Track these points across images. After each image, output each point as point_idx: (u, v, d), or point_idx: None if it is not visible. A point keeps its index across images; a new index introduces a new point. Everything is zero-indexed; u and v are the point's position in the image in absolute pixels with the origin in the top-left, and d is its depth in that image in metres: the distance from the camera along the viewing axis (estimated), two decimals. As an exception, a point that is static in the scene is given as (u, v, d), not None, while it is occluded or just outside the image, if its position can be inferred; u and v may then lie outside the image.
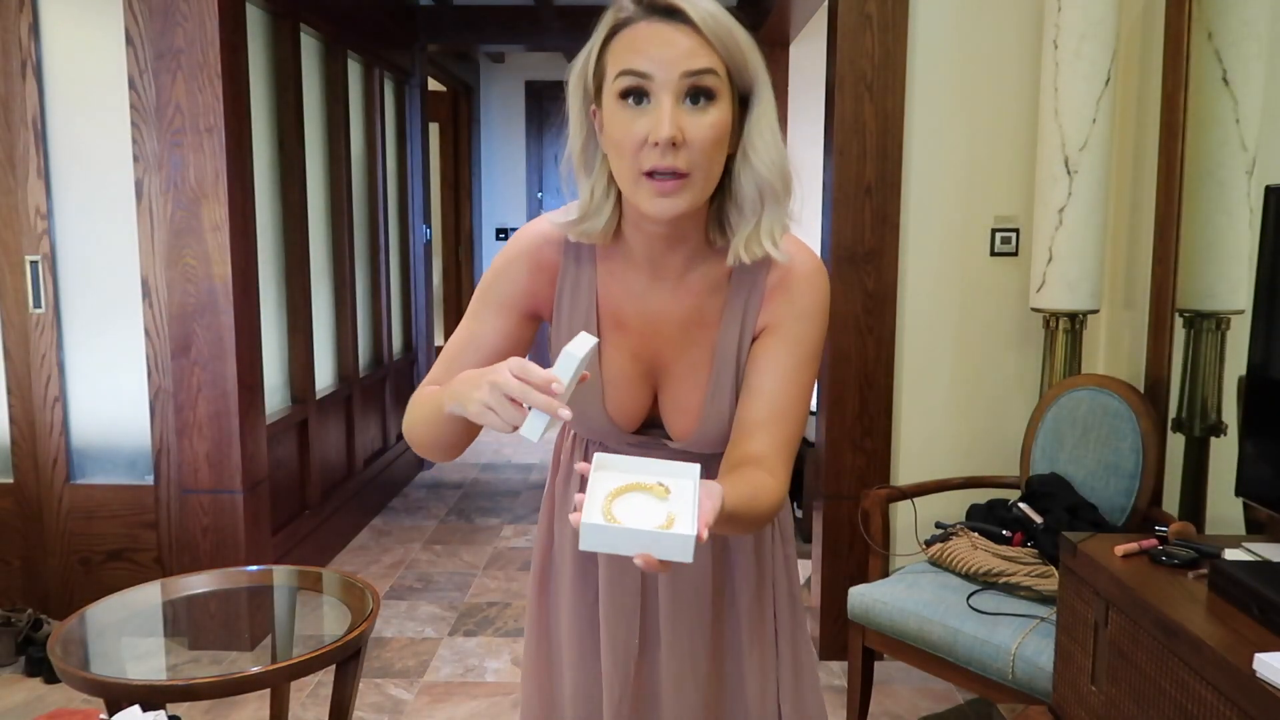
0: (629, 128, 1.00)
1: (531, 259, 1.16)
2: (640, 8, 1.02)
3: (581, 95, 1.08)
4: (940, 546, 2.28)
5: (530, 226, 1.19)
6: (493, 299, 1.17)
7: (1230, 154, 2.12)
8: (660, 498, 0.91)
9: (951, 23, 2.67)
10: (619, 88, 1.01)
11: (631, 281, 1.15)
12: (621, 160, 1.02)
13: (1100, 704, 1.60)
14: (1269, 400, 1.60)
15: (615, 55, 1.02)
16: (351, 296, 4.06)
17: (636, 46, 1.01)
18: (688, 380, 1.16)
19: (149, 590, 2.17)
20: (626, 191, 1.04)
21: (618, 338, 1.16)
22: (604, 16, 1.06)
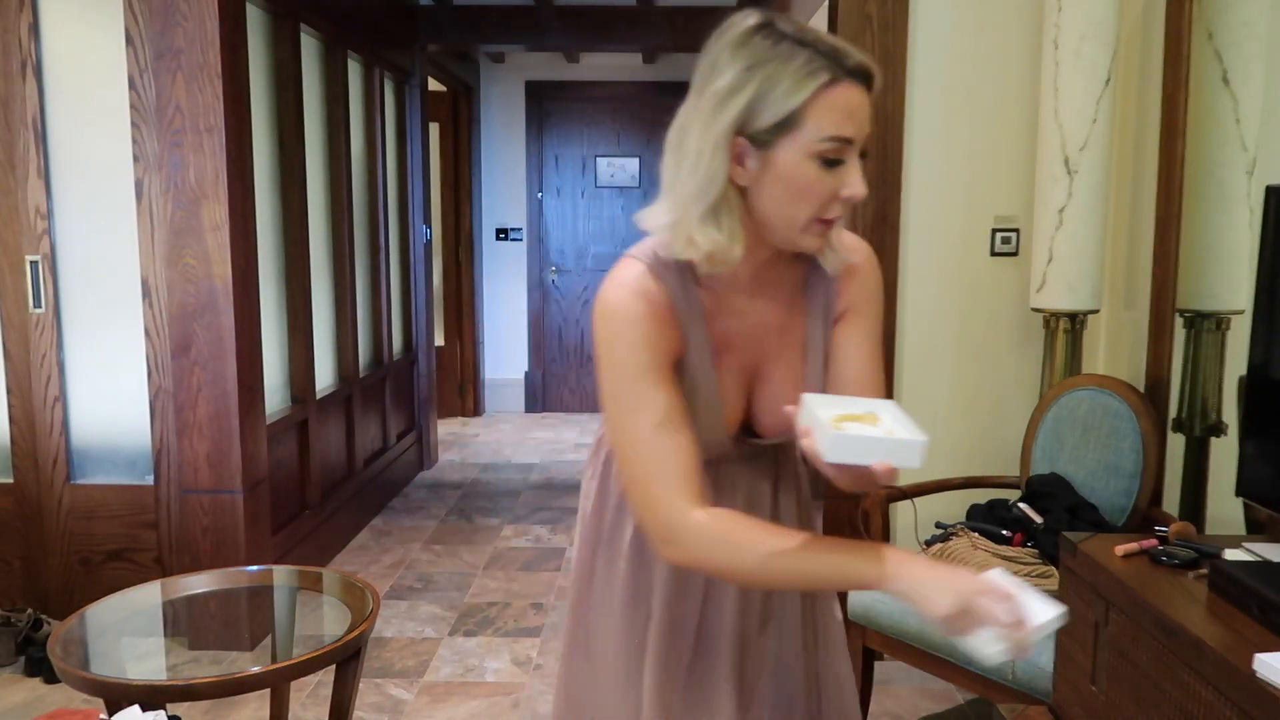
0: (821, 183, 1.05)
1: (653, 316, 1.12)
2: (843, 68, 1.04)
3: (729, 126, 1.05)
4: (940, 546, 2.28)
5: (621, 285, 1.12)
6: (653, 371, 1.10)
7: (1230, 154, 2.12)
8: (872, 423, 1.00)
9: (951, 23, 2.67)
10: (824, 149, 1.04)
11: (734, 302, 1.18)
12: (800, 207, 1.06)
13: (1100, 704, 1.60)
14: (1269, 400, 1.60)
15: (822, 116, 1.03)
16: (351, 296, 4.06)
17: (846, 111, 1.04)
18: (785, 381, 1.21)
19: (149, 590, 2.17)
20: (788, 232, 1.09)
21: (727, 359, 1.19)
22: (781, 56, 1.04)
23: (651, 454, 1.09)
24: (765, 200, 1.07)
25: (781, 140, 1.04)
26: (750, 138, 1.05)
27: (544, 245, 6.48)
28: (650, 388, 1.10)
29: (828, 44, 1.04)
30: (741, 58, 1.05)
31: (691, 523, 1.06)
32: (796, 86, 1.03)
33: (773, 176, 1.06)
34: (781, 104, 1.03)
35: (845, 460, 0.95)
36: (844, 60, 1.03)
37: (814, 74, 1.02)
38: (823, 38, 1.05)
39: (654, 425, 1.09)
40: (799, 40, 1.04)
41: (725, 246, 1.08)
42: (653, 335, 1.11)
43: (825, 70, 1.03)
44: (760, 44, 1.05)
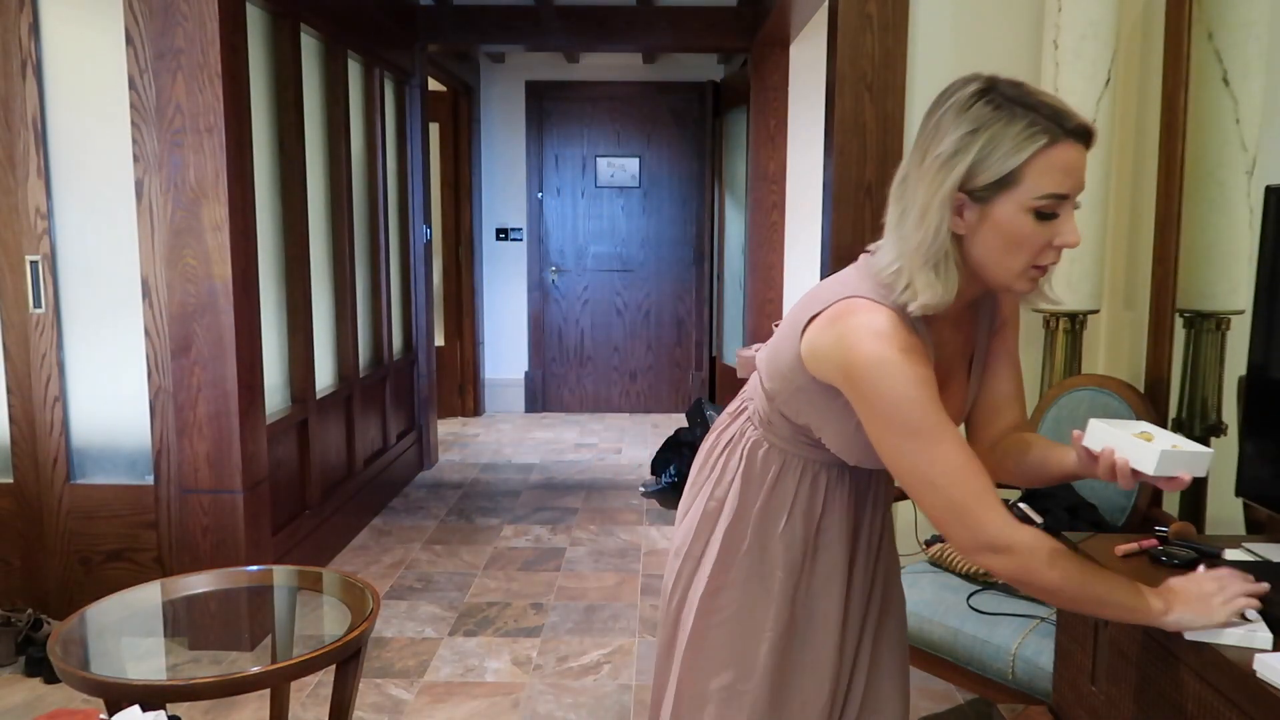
0: (1039, 235, 1.15)
1: (925, 356, 1.21)
2: (1063, 130, 1.11)
3: (953, 187, 1.14)
4: (940, 546, 2.28)
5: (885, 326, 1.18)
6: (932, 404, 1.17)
7: (1230, 154, 2.12)
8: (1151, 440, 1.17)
9: (951, 23, 2.67)
10: (1039, 205, 1.12)
11: (943, 333, 1.29)
12: (1017, 257, 1.16)
13: (1100, 704, 1.60)
14: (1269, 400, 1.60)
15: (1041, 175, 1.11)
16: (351, 296, 4.06)
17: (1067, 170, 1.12)
18: (957, 395, 1.34)
19: (149, 590, 2.17)
20: (1004, 278, 1.19)
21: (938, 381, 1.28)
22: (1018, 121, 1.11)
23: (971, 479, 1.17)
24: (981, 249, 1.17)
25: (1000, 196, 1.13)
26: (969, 193, 1.14)
27: (544, 245, 6.48)
28: (941, 419, 1.18)
29: (1049, 106, 1.12)
30: (965, 122, 1.13)
31: (1024, 538, 1.17)
32: (1017, 149, 1.11)
33: (990, 228, 1.15)
34: (1002, 164, 1.12)
35: (1171, 473, 1.14)
36: (1064, 122, 1.11)
37: (1034, 137, 1.11)
38: (1044, 99, 1.12)
39: (962, 451, 1.18)
40: (1020, 102, 1.11)
41: (944, 295, 1.18)
42: (927, 374, 1.19)
43: (1045, 133, 1.11)
44: (982, 109, 1.13)
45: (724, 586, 1.38)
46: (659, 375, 6.59)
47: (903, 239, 1.18)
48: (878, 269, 1.22)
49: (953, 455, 1.16)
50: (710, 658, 1.38)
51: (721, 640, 1.38)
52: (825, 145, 2.83)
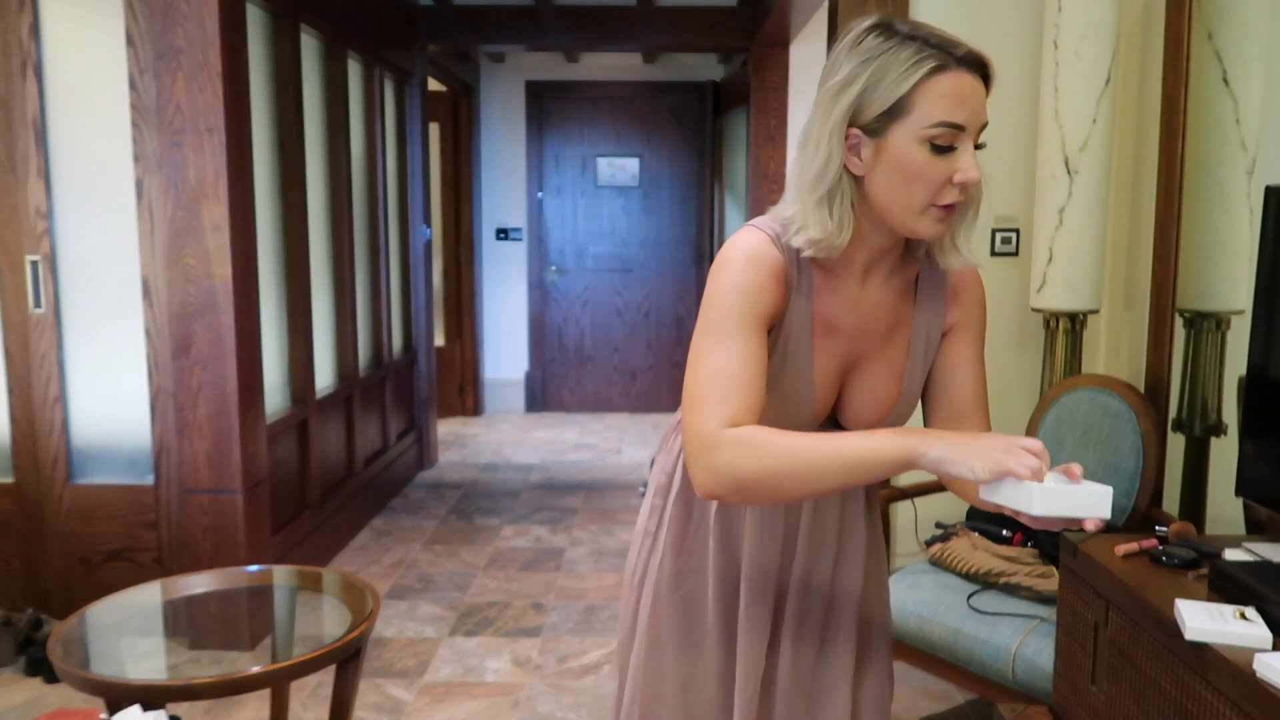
0: (933, 168, 1.09)
1: (773, 276, 1.17)
2: (952, 57, 1.09)
3: (843, 119, 1.11)
4: (940, 546, 2.28)
5: (750, 241, 1.18)
6: (749, 318, 1.15)
7: (1230, 154, 2.12)
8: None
9: (951, 23, 2.66)
10: (932, 135, 1.08)
11: (845, 288, 1.23)
12: (913, 193, 1.11)
13: (1100, 704, 1.60)
14: (1269, 400, 1.60)
15: (931, 101, 1.08)
16: (351, 296, 4.06)
17: (957, 98, 1.09)
18: (883, 375, 1.27)
19: (149, 590, 2.17)
20: (902, 217, 1.13)
21: (828, 341, 1.23)
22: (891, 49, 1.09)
23: (714, 378, 1.13)
24: (880, 187, 1.13)
25: (892, 127, 1.09)
26: (863, 128, 1.11)
27: (544, 245, 6.48)
28: (741, 330, 1.14)
29: (939, 37, 1.10)
30: (856, 54, 1.11)
31: (729, 435, 1.09)
32: (905, 75, 1.08)
33: (885, 162, 1.11)
34: (890, 92, 1.09)
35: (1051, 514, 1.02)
36: (953, 50, 1.09)
37: (921, 63, 1.08)
38: (935, 31, 1.11)
39: (732, 358, 1.13)
40: (910, 35, 1.10)
41: (834, 232, 1.14)
42: (759, 288, 1.16)
43: (933, 59, 1.08)
44: (873, 41, 1.11)
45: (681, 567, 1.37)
46: (659, 375, 6.59)
47: (799, 180, 1.16)
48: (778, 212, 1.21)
49: (724, 359, 1.13)
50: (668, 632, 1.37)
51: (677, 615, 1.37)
52: (825, 145, 2.83)
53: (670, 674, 1.37)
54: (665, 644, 1.37)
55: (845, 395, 1.27)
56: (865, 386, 1.26)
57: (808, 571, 1.34)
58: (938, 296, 1.27)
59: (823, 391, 1.25)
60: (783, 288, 1.19)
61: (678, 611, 1.37)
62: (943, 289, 1.27)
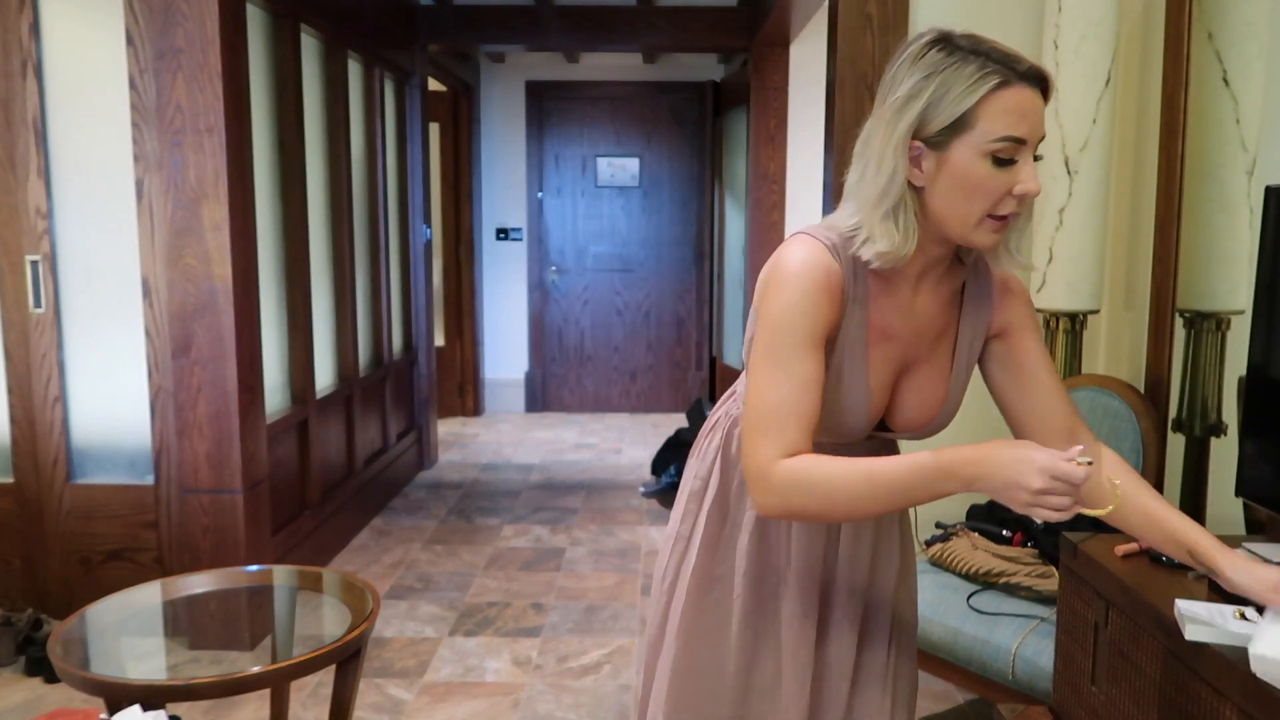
0: (994, 180, 1.12)
1: (829, 292, 1.19)
2: (1015, 72, 1.11)
3: (906, 130, 1.14)
4: (940, 546, 2.28)
5: (806, 254, 1.19)
6: (805, 337, 1.18)
7: (1230, 154, 2.12)
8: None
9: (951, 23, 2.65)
10: (996, 149, 1.11)
11: (900, 295, 1.25)
12: (973, 204, 1.13)
13: (1100, 704, 1.60)
14: (1269, 400, 1.60)
15: (995, 117, 1.10)
16: (351, 296, 4.06)
17: (1021, 112, 1.11)
18: (932, 379, 1.30)
19: (149, 590, 2.17)
20: (961, 228, 1.15)
21: (884, 348, 1.26)
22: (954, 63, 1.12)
23: (772, 409, 1.16)
24: (940, 198, 1.15)
25: (955, 141, 1.12)
26: (926, 141, 1.13)
27: (544, 245, 6.48)
28: (800, 353, 1.17)
29: (1001, 51, 1.13)
30: (919, 69, 1.13)
31: (778, 469, 1.14)
32: (970, 90, 1.11)
33: (947, 175, 1.13)
34: (955, 107, 1.11)
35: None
36: (1016, 65, 1.11)
37: (986, 78, 1.11)
38: (997, 46, 1.13)
39: (787, 384, 1.16)
40: (973, 50, 1.12)
41: (900, 244, 1.16)
42: (818, 307, 1.18)
43: (997, 74, 1.11)
44: (935, 55, 1.13)
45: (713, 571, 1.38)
46: (659, 375, 6.59)
47: (862, 193, 1.18)
48: (834, 222, 1.23)
49: (783, 388, 1.16)
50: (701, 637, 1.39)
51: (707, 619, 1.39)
52: (825, 145, 2.83)
53: (698, 678, 1.38)
54: (694, 648, 1.38)
55: (895, 399, 1.30)
56: (914, 390, 1.29)
57: (850, 572, 1.37)
58: (982, 301, 1.30)
59: (878, 397, 1.27)
60: (839, 300, 1.21)
61: (708, 615, 1.38)
62: (988, 294, 1.30)
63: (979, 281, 1.30)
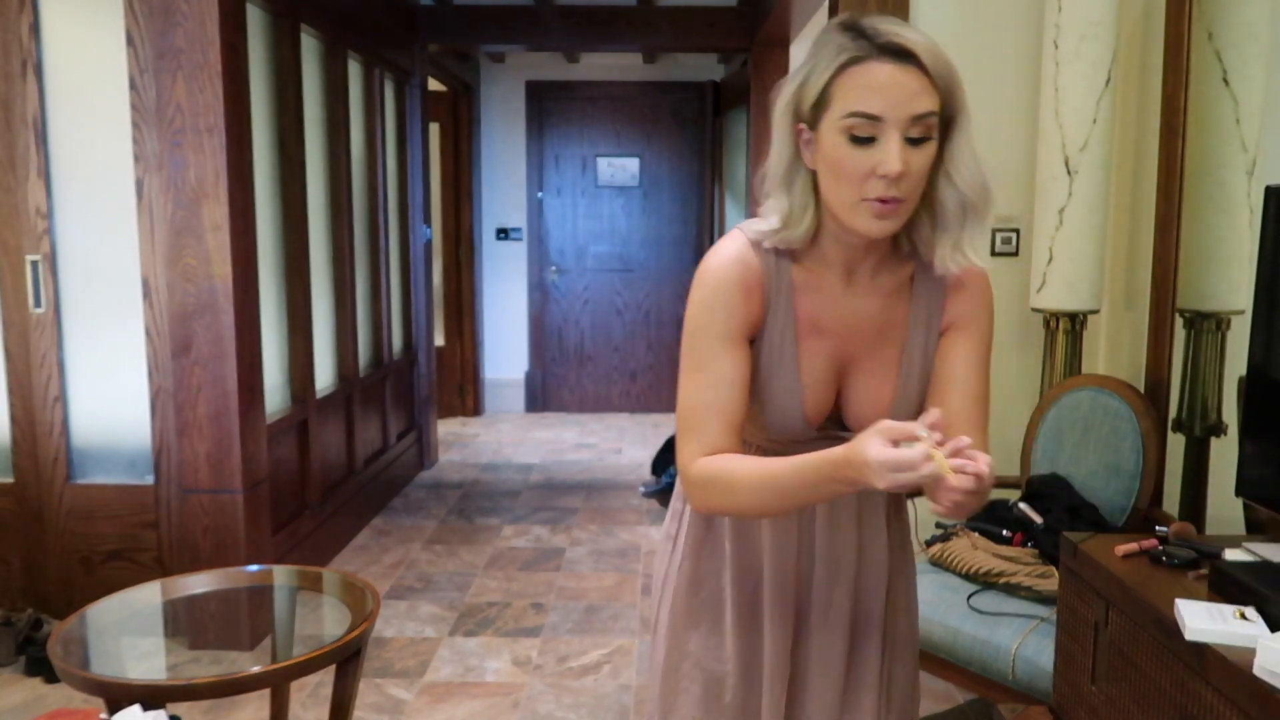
0: (855, 160, 1.08)
1: (745, 288, 1.18)
2: (870, 45, 1.07)
3: (791, 116, 1.13)
4: (940, 546, 2.28)
5: (724, 250, 1.20)
6: (722, 334, 1.17)
7: (1230, 154, 2.12)
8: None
9: (951, 23, 2.67)
10: (847, 125, 1.07)
11: (828, 287, 1.21)
12: (841, 186, 1.10)
13: (1100, 704, 1.60)
14: (1269, 400, 1.60)
15: (846, 92, 1.08)
16: (351, 296, 4.06)
17: (869, 88, 1.06)
18: (878, 375, 1.24)
19: (149, 590, 2.17)
20: (841, 211, 1.12)
21: (815, 343, 1.22)
22: (829, 43, 1.10)
23: (690, 410, 1.17)
24: (821, 182, 1.13)
25: (821, 121, 1.10)
26: (806, 122, 1.12)
27: (544, 245, 6.48)
28: (717, 351, 1.17)
29: (874, 29, 1.08)
30: (809, 50, 1.13)
31: (695, 468, 1.15)
32: (826, 68, 1.09)
33: (821, 157, 1.12)
34: (816, 84, 1.10)
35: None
36: (875, 39, 1.07)
37: (840, 54, 1.08)
38: (879, 27, 1.08)
39: (706, 385, 1.16)
40: (849, 27, 1.09)
41: (791, 220, 1.15)
42: (733, 304, 1.17)
43: (851, 50, 1.07)
44: (824, 37, 1.11)
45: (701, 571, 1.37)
46: (659, 375, 6.59)
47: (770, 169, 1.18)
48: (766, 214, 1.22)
49: (699, 388, 1.17)
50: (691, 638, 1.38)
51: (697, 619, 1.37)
52: (825, 145, 2.83)
53: (692, 677, 1.36)
54: (687, 648, 1.37)
55: (845, 396, 1.26)
56: (863, 387, 1.25)
57: (829, 580, 1.33)
58: (935, 294, 1.24)
59: (813, 394, 1.23)
60: (758, 295, 1.19)
61: (698, 615, 1.36)
62: (940, 287, 1.24)
63: (933, 276, 1.23)
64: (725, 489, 1.13)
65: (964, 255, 1.17)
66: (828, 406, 1.26)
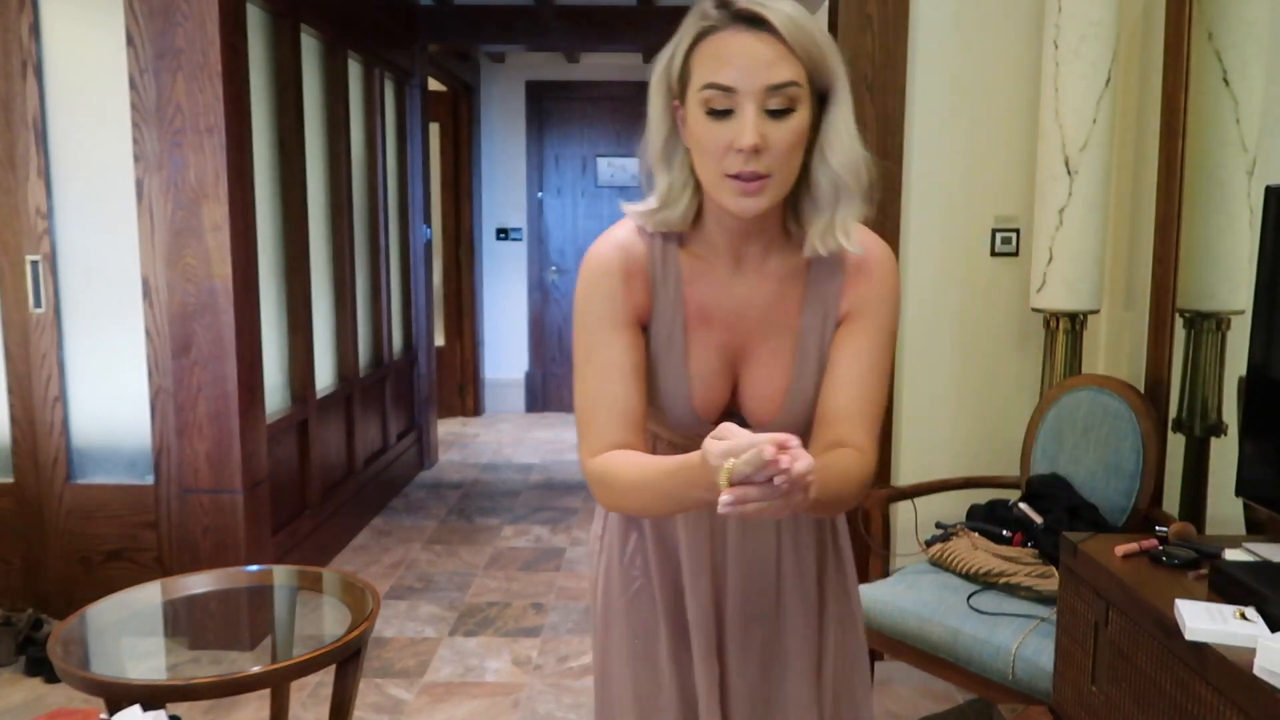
0: (714, 133, 1.04)
1: (628, 274, 1.15)
2: (725, 14, 1.04)
3: (665, 91, 1.11)
4: (940, 547, 2.28)
5: (606, 238, 1.18)
6: (606, 323, 1.14)
7: (1230, 154, 2.12)
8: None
9: (951, 23, 2.67)
10: (703, 98, 1.04)
11: (716, 275, 1.17)
12: (705, 162, 1.07)
13: (1100, 704, 1.60)
14: (1269, 400, 1.59)
15: (700, 64, 1.05)
16: (351, 296, 4.06)
17: (722, 58, 1.03)
18: (771, 366, 1.19)
19: (149, 590, 2.17)
20: (710, 189, 1.09)
21: (703, 332, 1.18)
22: (689, 17, 1.08)
23: (582, 408, 1.13)
24: (693, 159, 1.10)
25: (687, 95, 1.07)
26: (678, 97, 1.09)
27: (544, 245, 6.48)
28: (606, 339, 1.13)
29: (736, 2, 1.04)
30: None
31: (588, 468, 1.11)
32: (683, 41, 1.07)
33: (687, 132, 1.09)
34: (678, 57, 1.07)
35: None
36: (728, 7, 1.04)
37: (694, 25, 1.06)
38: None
39: (594, 376, 1.13)
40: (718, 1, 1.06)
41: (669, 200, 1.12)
42: (615, 291, 1.14)
43: (703, 21, 1.05)
44: (694, 8, 1.08)
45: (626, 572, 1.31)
46: (659, 375, 6.59)
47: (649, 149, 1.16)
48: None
49: (588, 382, 1.13)
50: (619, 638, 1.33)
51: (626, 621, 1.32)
52: (825, 145, 2.83)
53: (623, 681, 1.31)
54: (617, 650, 1.31)
55: (739, 389, 1.21)
56: (757, 378, 1.19)
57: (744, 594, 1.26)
58: (832, 281, 1.17)
59: (703, 384, 1.18)
60: (641, 282, 1.15)
61: (627, 617, 1.30)
62: (838, 275, 1.17)
63: (829, 262, 1.16)
64: (610, 489, 1.09)
65: (835, 238, 1.10)
66: (722, 399, 1.20)
